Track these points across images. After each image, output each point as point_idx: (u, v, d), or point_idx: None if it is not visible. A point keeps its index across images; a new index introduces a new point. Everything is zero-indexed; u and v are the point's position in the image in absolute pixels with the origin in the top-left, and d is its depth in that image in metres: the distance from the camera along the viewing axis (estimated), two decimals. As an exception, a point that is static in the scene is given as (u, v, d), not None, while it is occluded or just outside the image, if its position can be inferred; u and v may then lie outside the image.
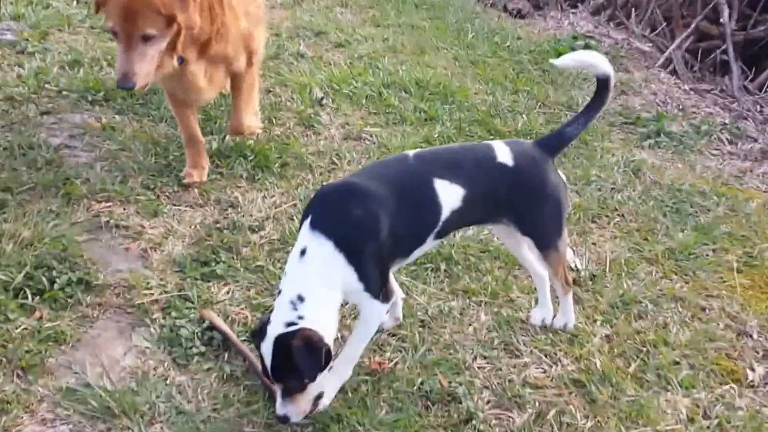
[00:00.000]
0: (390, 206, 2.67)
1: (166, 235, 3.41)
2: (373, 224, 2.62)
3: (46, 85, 4.53)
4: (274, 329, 2.49)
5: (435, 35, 6.52)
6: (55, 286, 2.95)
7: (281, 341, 2.47)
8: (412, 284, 3.45)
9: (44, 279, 2.97)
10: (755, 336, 3.62)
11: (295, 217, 3.72)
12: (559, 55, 6.41)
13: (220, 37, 3.58)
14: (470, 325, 3.31)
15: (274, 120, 4.54)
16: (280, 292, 2.60)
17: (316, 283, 2.56)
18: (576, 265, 3.84)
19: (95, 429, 2.47)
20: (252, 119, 4.12)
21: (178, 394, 2.66)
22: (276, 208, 3.78)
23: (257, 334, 2.57)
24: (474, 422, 2.82)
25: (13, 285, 2.92)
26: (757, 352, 3.52)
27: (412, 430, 2.71)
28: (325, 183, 3.91)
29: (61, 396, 2.55)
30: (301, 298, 2.53)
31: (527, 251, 3.27)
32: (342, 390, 2.80)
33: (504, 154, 2.96)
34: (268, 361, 2.50)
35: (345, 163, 4.26)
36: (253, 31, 3.94)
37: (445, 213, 2.83)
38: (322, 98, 4.85)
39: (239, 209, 3.71)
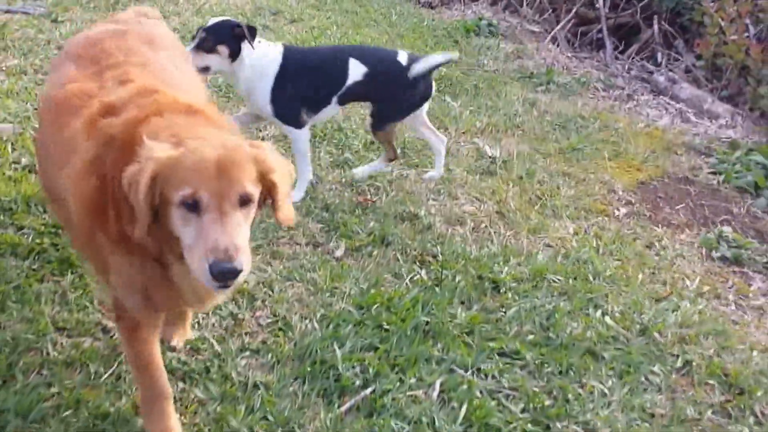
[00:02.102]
0: (314, 66, 4.26)
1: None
2: (302, 67, 4.22)
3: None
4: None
5: (366, 16, 8.07)
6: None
7: (224, 21, 4.17)
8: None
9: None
10: (620, 193, 5.25)
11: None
12: (467, 31, 8.12)
13: None
14: (422, 184, 4.79)
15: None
16: None
17: (266, 48, 4.22)
18: (492, 154, 5.38)
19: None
20: None
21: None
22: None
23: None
24: (432, 230, 4.28)
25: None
26: (621, 201, 5.14)
27: (391, 232, 4.13)
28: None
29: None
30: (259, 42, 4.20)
31: (424, 128, 4.70)
32: (343, 210, 4.22)
33: (403, 57, 4.37)
34: (209, 24, 4.17)
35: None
36: None
37: (349, 82, 4.26)
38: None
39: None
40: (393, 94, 4.38)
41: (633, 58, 8.80)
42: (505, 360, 3.28)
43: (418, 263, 3.91)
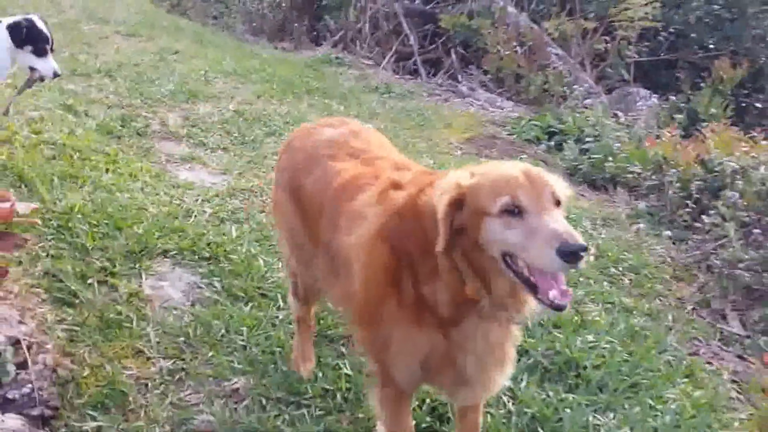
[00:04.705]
0: None
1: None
2: None
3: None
4: None
5: (237, 59, 10.20)
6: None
7: None
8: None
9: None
10: (455, 144, 7.62)
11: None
12: (323, 62, 10.41)
13: None
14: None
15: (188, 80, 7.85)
16: None
17: None
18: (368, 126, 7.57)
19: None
20: None
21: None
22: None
23: None
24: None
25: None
26: (457, 149, 7.50)
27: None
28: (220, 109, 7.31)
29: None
30: None
31: None
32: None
33: None
34: None
35: (230, 95, 7.74)
36: None
37: None
38: (205, 72, 8.29)
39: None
40: None
41: (441, 78, 11.49)
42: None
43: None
